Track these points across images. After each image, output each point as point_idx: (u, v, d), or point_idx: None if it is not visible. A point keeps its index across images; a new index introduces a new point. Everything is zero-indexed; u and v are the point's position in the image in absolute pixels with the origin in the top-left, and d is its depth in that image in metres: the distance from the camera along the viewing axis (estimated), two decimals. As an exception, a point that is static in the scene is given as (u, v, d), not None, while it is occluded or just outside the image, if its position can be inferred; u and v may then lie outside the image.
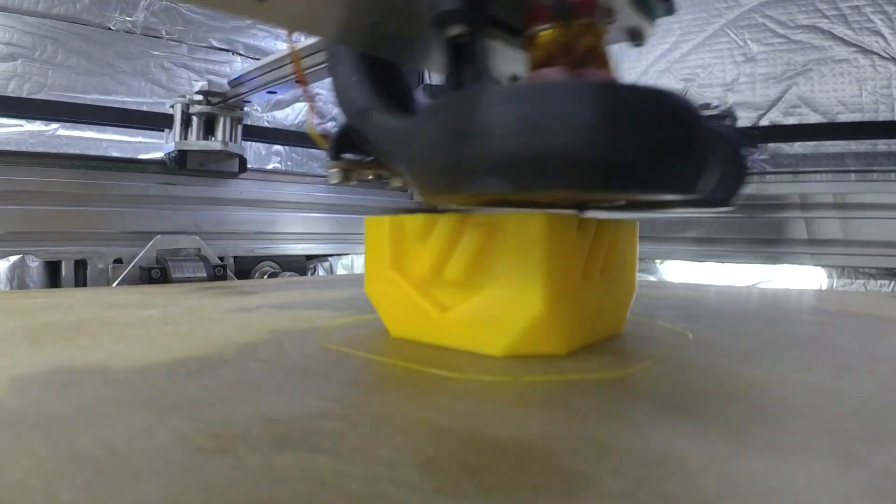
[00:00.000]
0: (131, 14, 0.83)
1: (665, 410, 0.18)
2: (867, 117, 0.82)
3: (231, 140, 0.74)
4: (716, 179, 0.23)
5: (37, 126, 0.78)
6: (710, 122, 0.24)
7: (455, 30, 0.23)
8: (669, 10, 0.30)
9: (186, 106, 0.73)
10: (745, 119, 0.91)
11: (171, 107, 0.74)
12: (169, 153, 0.74)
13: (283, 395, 0.19)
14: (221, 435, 0.15)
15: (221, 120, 0.74)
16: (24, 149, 0.75)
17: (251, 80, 0.67)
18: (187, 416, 0.17)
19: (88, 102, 0.81)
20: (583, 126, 0.19)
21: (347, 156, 0.35)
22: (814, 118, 0.85)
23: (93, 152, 0.79)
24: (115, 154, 0.82)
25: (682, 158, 0.21)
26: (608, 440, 0.16)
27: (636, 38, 0.31)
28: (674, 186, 0.21)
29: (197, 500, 0.12)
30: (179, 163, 0.73)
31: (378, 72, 0.30)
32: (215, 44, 0.92)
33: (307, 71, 0.53)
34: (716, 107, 0.84)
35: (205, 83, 0.74)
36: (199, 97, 0.73)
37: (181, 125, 0.73)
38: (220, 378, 0.22)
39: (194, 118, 0.73)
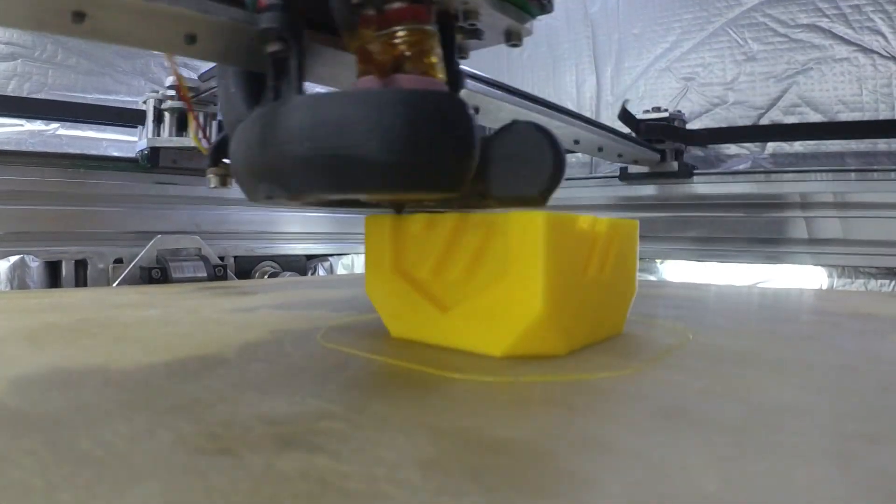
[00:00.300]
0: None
1: (666, 410, 0.18)
2: (867, 116, 0.82)
3: (205, 136, 0.73)
4: (512, 178, 0.25)
5: (37, 126, 0.78)
6: (530, 124, 0.25)
7: (273, 46, 0.25)
8: (545, 8, 0.31)
9: (159, 101, 0.71)
10: (745, 119, 0.91)
11: (144, 102, 0.72)
12: (141, 150, 0.72)
13: (284, 395, 0.19)
14: (222, 435, 0.15)
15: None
16: (24, 148, 0.75)
17: None
18: (188, 416, 0.17)
19: (89, 102, 0.81)
20: (339, 132, 0.21)
21: (226, 161, 0.37)
22: (814, 117, 0.85)
23: (93, 152, 0.79)
24: (116, 154, 0.82)
25: (448, 159, 0.22)
26: (608, 440, 0.16)
27: (512, 38, 0.32)
28: (435, 186, 0.23)
29: (197, 501, 0.12)
30: (152, 160, 0.71)
31: (257, 86, 0.32)
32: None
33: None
34: (665, 110, 0.89)
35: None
36: (172, 92, 0.70)
37: (153, 121, 0.71)
38: (220, 378, 0.22)
39: (166, 114, 0.71)
